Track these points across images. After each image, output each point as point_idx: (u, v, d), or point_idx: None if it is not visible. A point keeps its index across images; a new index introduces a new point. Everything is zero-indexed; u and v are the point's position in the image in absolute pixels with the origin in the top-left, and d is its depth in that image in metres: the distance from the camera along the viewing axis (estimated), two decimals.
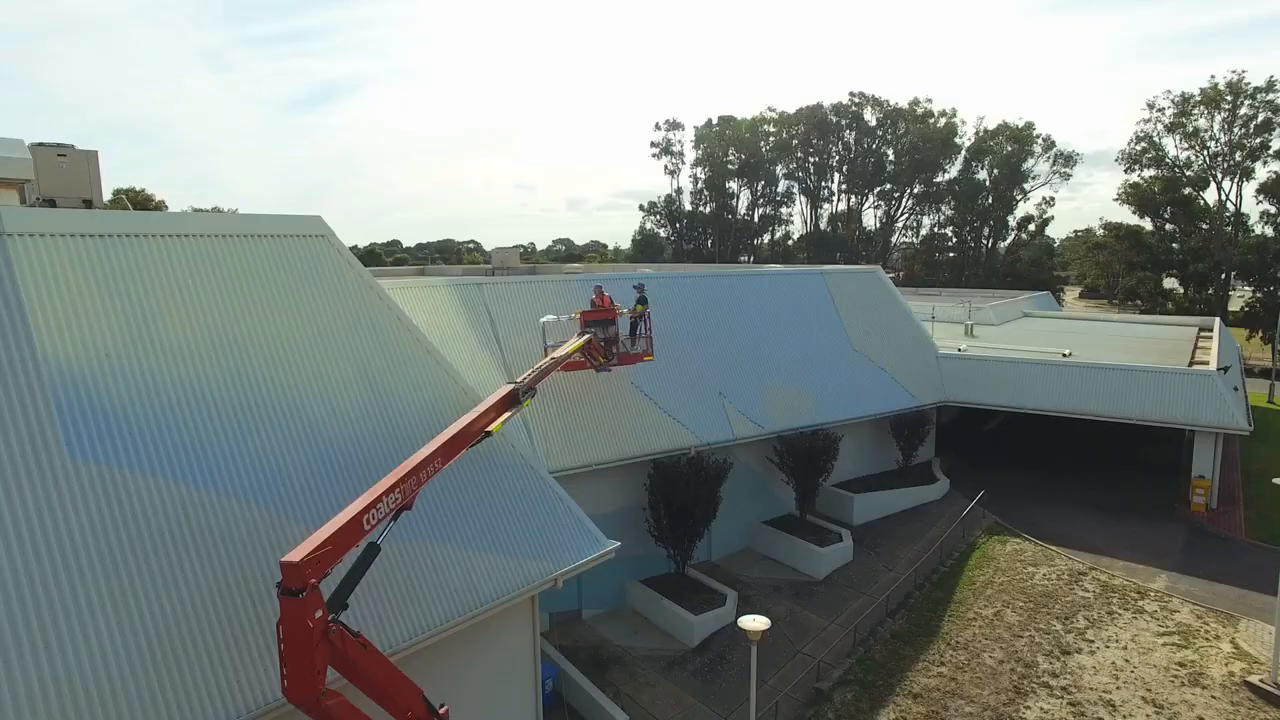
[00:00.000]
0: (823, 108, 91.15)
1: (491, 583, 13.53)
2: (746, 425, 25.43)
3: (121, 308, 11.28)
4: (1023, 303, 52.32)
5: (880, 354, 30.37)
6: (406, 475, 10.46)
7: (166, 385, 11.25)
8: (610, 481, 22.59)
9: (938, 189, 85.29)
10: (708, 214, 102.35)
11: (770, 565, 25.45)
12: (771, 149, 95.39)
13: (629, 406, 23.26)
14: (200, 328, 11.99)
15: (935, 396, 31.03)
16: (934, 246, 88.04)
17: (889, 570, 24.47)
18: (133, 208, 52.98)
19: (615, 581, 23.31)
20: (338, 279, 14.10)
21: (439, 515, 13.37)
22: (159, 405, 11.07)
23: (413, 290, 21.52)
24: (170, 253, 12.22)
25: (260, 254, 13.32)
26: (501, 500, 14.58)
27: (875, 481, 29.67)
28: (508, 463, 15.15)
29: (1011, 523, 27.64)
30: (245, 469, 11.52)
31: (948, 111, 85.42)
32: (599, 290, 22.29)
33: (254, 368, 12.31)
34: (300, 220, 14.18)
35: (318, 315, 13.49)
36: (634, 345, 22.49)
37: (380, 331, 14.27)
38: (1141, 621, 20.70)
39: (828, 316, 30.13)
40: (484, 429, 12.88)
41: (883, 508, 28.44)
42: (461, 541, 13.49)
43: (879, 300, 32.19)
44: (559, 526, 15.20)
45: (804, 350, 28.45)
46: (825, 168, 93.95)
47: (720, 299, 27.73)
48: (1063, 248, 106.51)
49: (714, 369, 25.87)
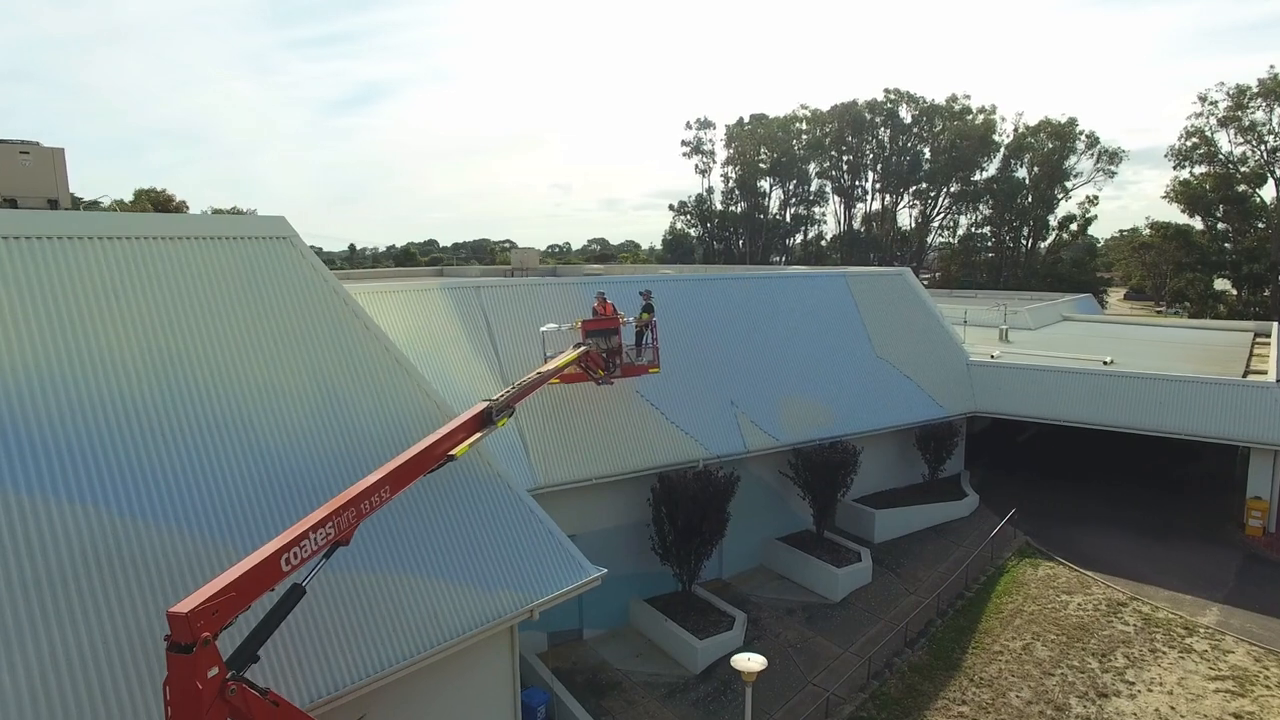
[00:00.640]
0: (857, 105, 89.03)
1: (457, 616, 12.41)
2: (760, 437, 24.03)
3: (46, 315, 10.37)
4: (1062, 305, 49.93)
5: (906, 361, 28.71)
6: (343, 507, 9.36)
7: (94, 400, 10.32)
8: (613, 495, 21.43)
9: (975, 188, 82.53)
10: (739, 214, 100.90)
11: (784, 585, 24.03)
12: (804, 147, 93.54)
13: (633, 417, 22.03)
14: (138, 337, 11.06)
15: (964, 407, 29.26)
16: (971, 247, 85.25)
17: (910, 593, 22.89)
18: (153, 209, 53.47)
19: (619, 600, 22.17)
20: (299, 284, 13.11)
21: (398, 542, 12.30)
22: (84, 422, 10.14)
23: (404, 295, 20.55)
24: (111, 256, 11.33)
25: (215, 257, 12.38)
26: (472, 524, 13.46)
27: (899, 496, 28.04)
28: (481, 482, 14.02)
29: (1044, 544, 25.79)
30: (180, 492, 10.53)
31: (986, 108, 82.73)
32: (601, 298, 21.08)
33: (197, 380, 11.34)
34: (263, 221, 13.27)
35: (273, 323, 12.51)
36: (639, 356, 21.23)
37: (344, 340, 13.24)
38: (1189, 662, 18.78)
39: (850, 321, 28.57)
40: (446, 453, 11.69)
41: (906, 525, 26.82)
42: (424, 570, 12.39)
43: (905, 304, 30.51)
44: (538, 552, 14.05)
45: (824, 357, 26.94)
46: (859, 166, 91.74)
47: (735, 302, 26.35)
48: (1106, 248, 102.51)
49: (726, 377, 24.51)
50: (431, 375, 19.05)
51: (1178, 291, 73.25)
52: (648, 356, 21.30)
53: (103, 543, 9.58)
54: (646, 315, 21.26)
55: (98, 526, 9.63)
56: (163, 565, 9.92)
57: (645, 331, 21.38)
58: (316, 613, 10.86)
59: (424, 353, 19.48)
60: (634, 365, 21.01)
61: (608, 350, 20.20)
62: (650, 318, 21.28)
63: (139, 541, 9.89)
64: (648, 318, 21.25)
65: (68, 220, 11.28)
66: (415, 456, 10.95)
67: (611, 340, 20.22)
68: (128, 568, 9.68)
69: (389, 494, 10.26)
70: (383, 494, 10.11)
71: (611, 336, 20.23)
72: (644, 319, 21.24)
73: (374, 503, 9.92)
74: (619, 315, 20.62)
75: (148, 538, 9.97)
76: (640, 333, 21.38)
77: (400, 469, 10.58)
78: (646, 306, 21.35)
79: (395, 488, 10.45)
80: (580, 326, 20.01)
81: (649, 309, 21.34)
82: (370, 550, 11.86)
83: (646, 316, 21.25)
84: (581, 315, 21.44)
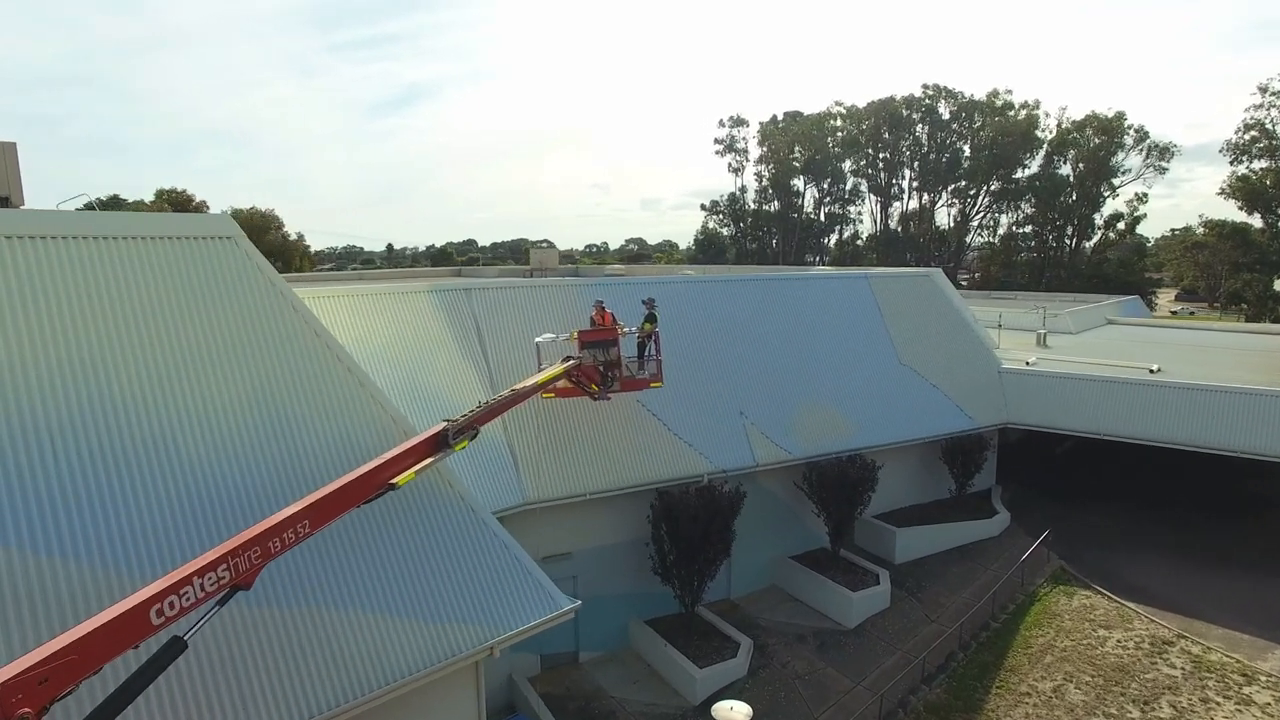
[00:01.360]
0: (894, 101, 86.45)
1: (404, 654, 11.20)
2: (770, 449, 22.49)
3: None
4: (1107, 308, 47.18)
5: (932, 368, 26.87)
6: (244, 546, 8.12)
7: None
8: (612, 510, 20.13)
9: (1016, 185, 79.36)
10: (772, 213, 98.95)
11: (796, 608, 22.46)
12: (839, 145, 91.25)
13: (632, 428, 20.68)
14: (47, 344, 10.02)
15: (995, 418, 27.29)
16: (1012, 247, 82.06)
17: (931, 621, 21.15)
18: (171, 209, 53.56)
19: (617, 621, 20.92)
20: (243, 287, 12.01)
21: (339, 571, 11.11)
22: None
23: (388, 298, 19.46)
24: (35, 256, 10.33)
25: (149, 258, 11.33)
26: (428, 551, 12.23)
27: (923, 513, 26.22)
28: (441, 504, 12.80)
29: (1081, 570, 23.70)
30: (86, 520, 9.46)
31: (1029, 103, 79.42)
32: (600, 306, 19.62)
33: (114, 392, 10.27)
34: (207, 220, 12.25)
35: (210, 329, 11.41)
36: (641, 369, 19.80)
37: (290, 349, 12.11)
38: (1248, 718, 16.65)
39: (872, 325, 26.83)
40: (388, 480, 10.42)
41: (930, 544, 25.02)
42: (368, 604, 11.19)
43: (933, 307, 28.63)
44: (503, 582, 12.77)
45: (843, 364, 25.27)
46: (896, 164, 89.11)
47: (747, 305, 24.81)
48: (1157, 248, 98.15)
49: (735, 385, 23.01)
50: (412, 384, 18.07)
51: (1234, 293, 69.46)
52: (650, 370, 19.86)
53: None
54: (649, 325, 19.81)
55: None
56: (63, 604, 8.85)
57: (648, 343, 19.96)
58: (236, 653, 9.72)
59: (405, 360, 18.42)
60: (634, 379, 19.51)
61: (605, 363, 18.78)
62: (653, 328, 19.82)
63: (32, 578, 8.83)
64: (650, 328, 19.80)
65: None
66: (346, 486, 9.67)
67: (610, 352, 18.72)
68: (15, 607, 8.62)
69: (309, 529, 9.01)
70: (300, 529, 8.87)
71: (610, 349, 18.74)
72: (646, 329, 19.81)
73: (288, 540, 8.68)
74: (618, 325, 19.20)
75: (40, 573, 8.90)
76: (642, 344, 19.97)
77: (325, 501, 9.31)
78: (649, 316, 19.88)
79: (318, 522, 9.18)
80: (576, 338, 18.65)
81: (652, 318, 19.88)
82: (304, 581, 10.70)
83: (649, 327, 19.79)
84: (579, 321, 20.18)
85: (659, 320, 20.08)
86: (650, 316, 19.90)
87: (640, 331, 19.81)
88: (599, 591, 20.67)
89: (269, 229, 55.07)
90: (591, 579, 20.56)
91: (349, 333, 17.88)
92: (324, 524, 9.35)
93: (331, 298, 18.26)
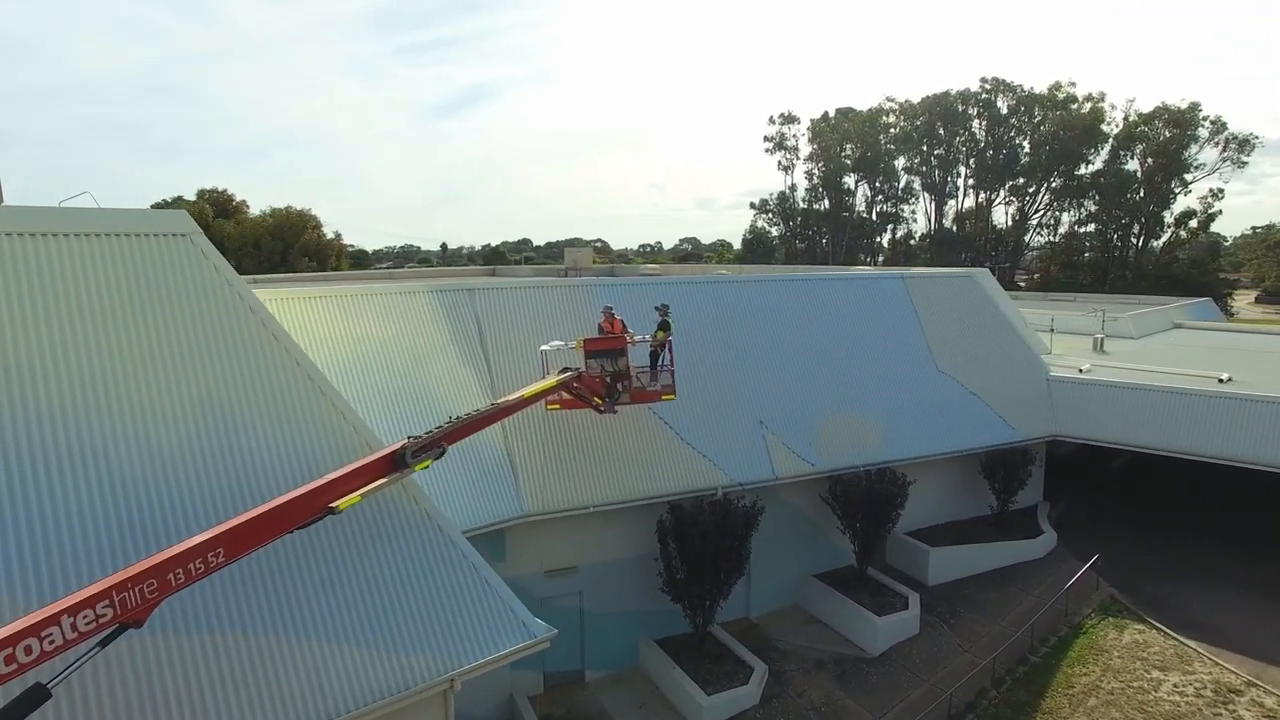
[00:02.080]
0: (949, 96, 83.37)
1: (353, 687, 10.29)
2: (792, 461, 21.08)
3: None
4: (1174, 311, 44.05)
5: (972, 375, 25.02)
6: (137, 578, 7.24)
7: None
8: (620, 523, 19.07)
9: (1079, 182, 75.57)
10: (822, 212, 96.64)
11: (818, 631, 21.03)
12: (892, 141, 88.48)
13: (643, 437, 19.55)
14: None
15: (1042, 429, 25.28)
16: (1074, 246, 78.16)
17: (963, 651, 19.48)
18: (211, 209, 54.38)
19: (626, 639, 19.86)
20: (196, 287, 11.28)
21: (281, 593, 10.25)
22: None
23: (386, 297, 18.71)
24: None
25: (95, 256, 10.68)
26: (388, 573, 11.31)
27: (961, 531, 24.41)
28: (405, 522, 11.87)
29: (1135, 600, 21.52)
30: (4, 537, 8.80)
31: (1094, 95, 75.47)
32: (608, 313, 18.36)
33: (39, 395, 9.59)
34: (161, 217, 11.51)
35: (157, 330, 10.70)
36: (653, 380, 18.60)
37: (244, 353, 11.32)
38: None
39: (908, 329, 25.13)
40: (327, 505, 9.45)
41: (967, 565, 23.23)
42: (315, 630, 10.31)
43: (976, 310, 26.72)
44: (470, 608, 11.78)
45: (874, 370, 23.66)
46: (951, 161, 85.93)
47: (771, 307, 23.43)
48: (1235, 247, 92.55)
49: (756, 393, 21.66)
50: (404, 389, 17.25)
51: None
52: (663, 381, 18.64)
53: None
54: (662, 334, 18.61)
55: None
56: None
57: (661, 352, 18.76)
58: (145, 686, 8.92)
59: (399, 363, 17.62)
60: (645, 391, 18.36)
61: (613, 374, 17.65)
62: (666, 336, 18.62)
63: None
64: (663, 336, 18.61)
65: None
66: (275, 510, 8.73)
67: (618, 362, 17.58)
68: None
69: (222, 559, 8.10)
70: (212, 559, 7.97)
71: (618, 358, 17.60)
72: (659, 337, 18.61)
73: (195, 571, 7.79)
74: (628, 333, 18.04)
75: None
76: (655, 353, 18.78)
77: (246, 527, 8.37)
78: (662, 324, 18.68)
79: (236, 550, 8.25)
80: (582, 346, 17.55)
81: (665, 326, 18.67)
82: (239, 603, 9.86)
83: (662, 335, 18.60)
84: (588, 323, 19.12)
85: (673, 328, 18.89)
86: (663, 324, 18.69)
87: (652, 340, 18.64)
88: (606, 608, 19.67)
89: (305, 228, 55.47)
90: (598, 595, 19.54)
91: (339, 335, 17.20)
92: (245, 553, 8.46)
93: (323, 298, 17.58)
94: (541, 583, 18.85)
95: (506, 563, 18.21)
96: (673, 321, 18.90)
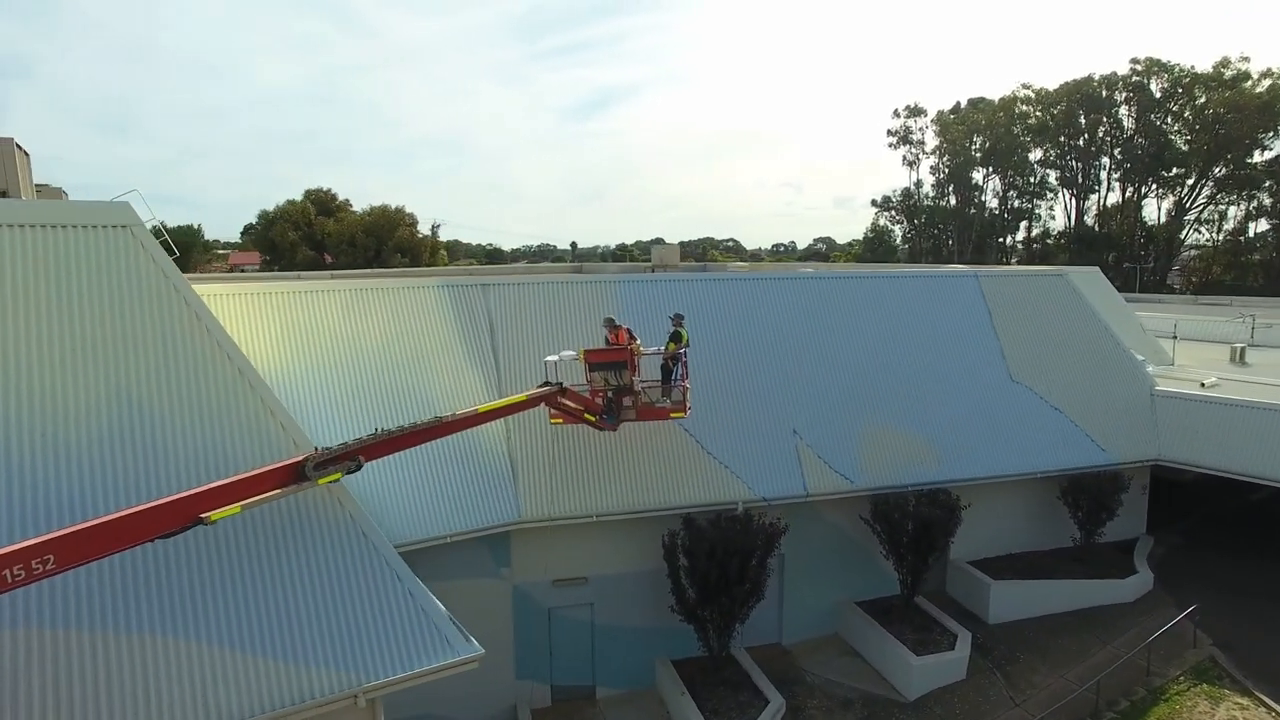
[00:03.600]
0: (1092, 80, 75.88)
1: (243, 696, 9.83)
2: (827, 477, 19.20)
3: None
4: None
5: (1055, 387, 21.98)
6: None
7: None
8: (633, 535, 18.01)
9: (1251, 171, 66.60)
10: (948, 208, 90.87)
11: (852, 665, 19.07)
12: (1026, 132, 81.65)
13: (660, 444, 18.33)
14: None
15: (1141, 452, 21.80)
16: (1241, 245, 69.03)
17: (1014, 704, 16.98)
18: (314, 207, 57.65)
19: (640, 657, 18.81)
20: (129, 279, 11.27)
21: (174, 593, 9.93)
22: None
23: (394, 293, 18.51)
24: None
25: (28, 247, 10.84)
26: (302, 579, 10.83)
27: (1034, 563, 21.45)
28: (329, 527, 11.35)
29: (1242, 666, 17.89)
30: None
31: (1273, 71, 66.17)
32: (611, 323, 17.06)
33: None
34: (102, 208, 11.58)
35: (79, 321, 10.73)
36: (665, 396, 17.27)
37: (172, 347, 11.19)
38: None
39: (979, 334, 22.44)
40: (197, 515, 9.00)
41: (1036, 603, 20.32)
42: (208, 634, 9.94)
43: (1065, 313, 23.51)
44: (392, 620, 11.10)
45: (934, 379, 21.22)
46: (1094, 152, 78.16)
47: (817, 306, 21.58)
48: None
49: (791, 399, 19.92)
50: (399, 386, 16.96)
51: None
52: (675, 397, 17.27)
53: None
54: (673, 345, 17.27)
55: None
56: None
57: (674, 366, 17.44)
58: (15, 683, 8.79)
59: (398, 359, 17.36)
60: (653, 408, 17.00)
61: (616, 389, 16.53)
62: (677, 348, 17.24)
63: None
64: (674, 348, 17.25)
65: None
66: (131, 517, 8.34)
67: (622, 376, 16.38)
68: None
69: (53, 566, 7.74)
70: (38, 567, 7.62)
71: (621, 371, 16.39)
72: (670, 349, 17.30)
73: (13, 578, 7.44)
74: (633, 345, 16.82)
75: None
76: (667, 367, 17.49)
77: (88, 534, 7.98)
78: (674, 334, 17.32)
79: (70, 558, 7.86)
80: (583, 357, 16.52)
81: (676, 337, 17.28)
82: (116, 599, 9.58)
83: (673, 347, 17.26)
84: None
85: (687, 338, 17.47)
86: (675, 335, 17.32)
87: (664, 353, 17.35)
88: (618, 622, 18.66)
89: (398, 225, 57.68)
90: (610, 608, 18.55)
91: (338, 330, 17.14)
92: (84, 561, 8.08)
93: (325, 293, 17.58)
94: (549, 592, 18.09)
95: (512, 569, 17.61)
96: (686, 332, 17.45)
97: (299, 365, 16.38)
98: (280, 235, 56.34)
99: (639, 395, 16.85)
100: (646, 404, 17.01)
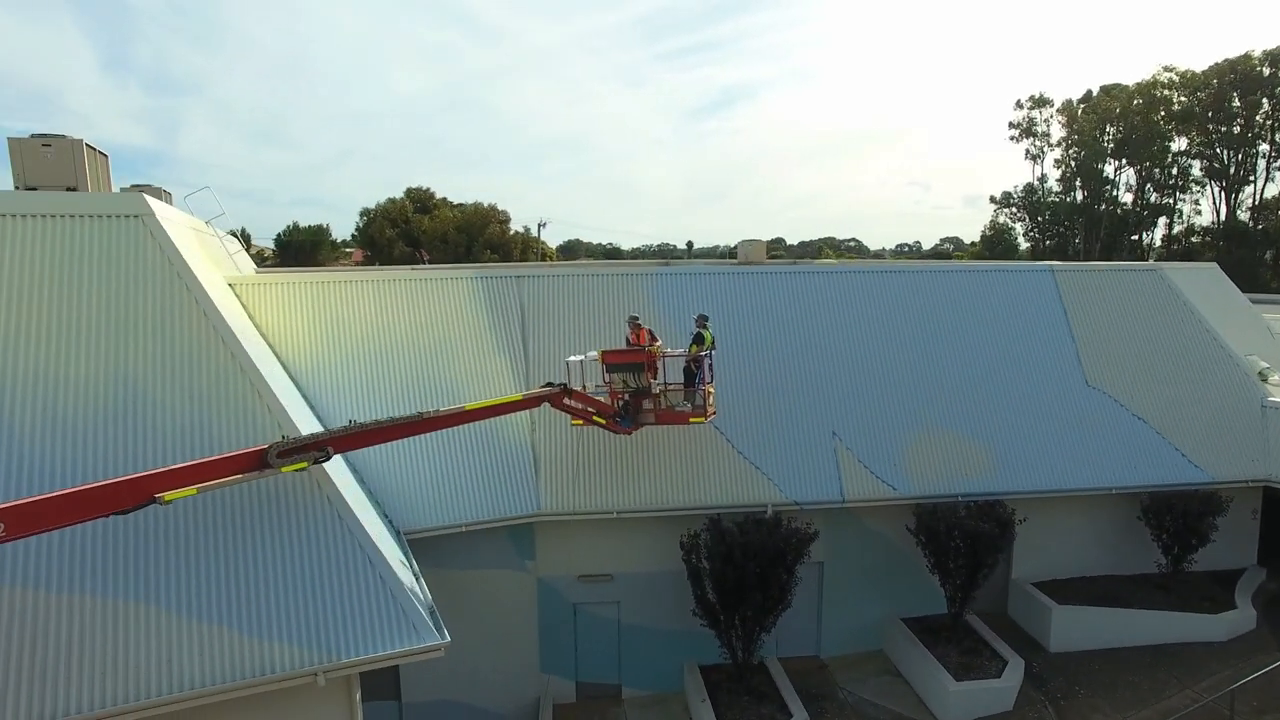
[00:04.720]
0: (1249, 58, 68.34)
1: (206, 666, 10.16)
2: (867, 482, 18.06)
3: None
4: None
5: (1140, 395, 19.73)
6: None
7: None
8: (659, 534, 17.54)
9: None
10: (1075, 204, 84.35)
11: (891, 685, 17.86)
12: (1166, 119, 74.50)
13: (687, 442, 17.77)
14: None
15: (1245, 471, 19.18)
16: None
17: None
18: (412, 205, 60.05)
19: (669, 659, 18.41)
20: (136, 267, 11.95)
21: (141, 561, 10.37)
22: None
23: (426, 284, 18.86)
24: None
25: (42, 237, 11.69)
26: (272, 555, 11.08)
27: (1111, 589, 19.26)
28: (306, 507, 11.57)
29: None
30: None
31: None
32: (634, 323, 16.62)
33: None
34: (115, 199, 12.37)
35: (83, 306, 11.49)
36: (689, 399, 16.63)
37: (173, 333, 11.77)
38: None
39: (1052, 334, 20.47)
40: (152, 495, 9.32)
41: (1106, 634, 18.26)
42: (180, 607, 10.34)
43: (1159, 314, 21.07)
44: (359, 605, 11.16)
45: (996, 381, 19.57)
46: (1250, 138, 70.33)
47: (866, 302, 20.38)
48: None
49: (830, 399, 18.91)
50: (424, 375, 17.28)
51: None
52: (696, 401, 16.55)
53: None
54: (695, 348, 16.65)
55: None
56: None
57: (698, 369, 16.82)
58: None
59: (425, 349, 17.66)
60: (673, 411, 16.41)
61: (634, 391, 16.12)
62: (699, 350, 16.61)
63: None
64: (697, 350, 16.62)
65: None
66: (85, 493, 8.78)
67: (640, 378, 15.97)
68: None
69: (3, 534, 8.22)
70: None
71: (639, 373, 15.97)
72: (692, 351, 16.69)
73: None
74: (654, 346, 16.31)
75: None
76: (689, 370, 16.91)
77: (38, 507, 8.43)
78: (697, 336, 16.69)
79: (22, 528, 8.29)
80: (600, 358, 16.19)
81: (699, 339, 16.66)
82: (99, 566, 10.13)
83: (695, 349, 16.64)
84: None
85: (711, 340, 16.76)
86: (698, 337, 16.65)
87: (687, 355, 16.75)
88: (645, 623, 18.31)
89: (490, 222, 59.26)
90: (637, 608, 18.21)
91: (371, 319, 17.63)
92: (37, 531, 8.56)
93: (360, 283, 18.14)
94: (574, 587, 17.96)
95: (536, 561, 17.60)
96: (711, 333, 16.75)
97: (331, 354, 16.97)
98: (379, 232, 59.40)
99: (659, 398, 16.37)
100: (667, 407, 16.50)
